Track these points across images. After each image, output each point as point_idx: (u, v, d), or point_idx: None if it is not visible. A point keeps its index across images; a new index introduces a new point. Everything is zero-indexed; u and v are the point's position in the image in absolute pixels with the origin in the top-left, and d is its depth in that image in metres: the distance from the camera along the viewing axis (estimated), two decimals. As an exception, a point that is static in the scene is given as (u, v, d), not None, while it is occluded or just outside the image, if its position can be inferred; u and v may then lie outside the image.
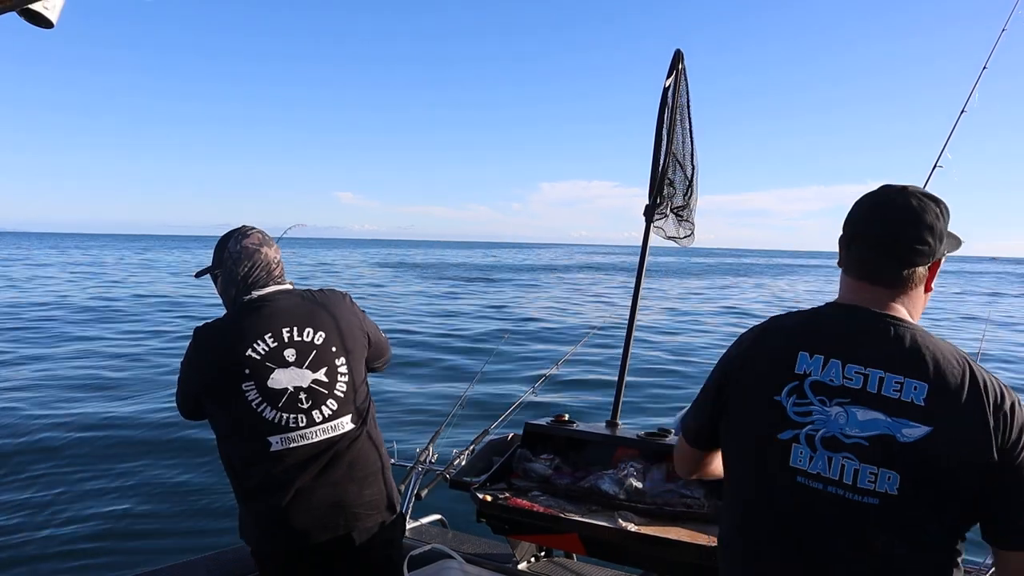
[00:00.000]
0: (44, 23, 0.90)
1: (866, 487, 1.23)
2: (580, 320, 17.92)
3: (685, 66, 2.81)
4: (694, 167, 2.89)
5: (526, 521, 2.19)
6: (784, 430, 1.29)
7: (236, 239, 2.11)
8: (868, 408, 1.25)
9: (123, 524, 4.78)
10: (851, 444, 1.25)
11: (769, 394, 1.32)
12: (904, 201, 1.33)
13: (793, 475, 1.28)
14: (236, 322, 2.03)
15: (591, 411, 7.58)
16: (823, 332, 1.34)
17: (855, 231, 1.37)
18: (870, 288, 1.35)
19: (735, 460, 1.42)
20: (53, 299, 19.01)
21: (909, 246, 1.31)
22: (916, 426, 1.22)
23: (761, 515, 1.34)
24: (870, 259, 1.35)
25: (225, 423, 2.01)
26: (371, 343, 2.19)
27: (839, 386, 1.28)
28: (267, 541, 2.03)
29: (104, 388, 8.53)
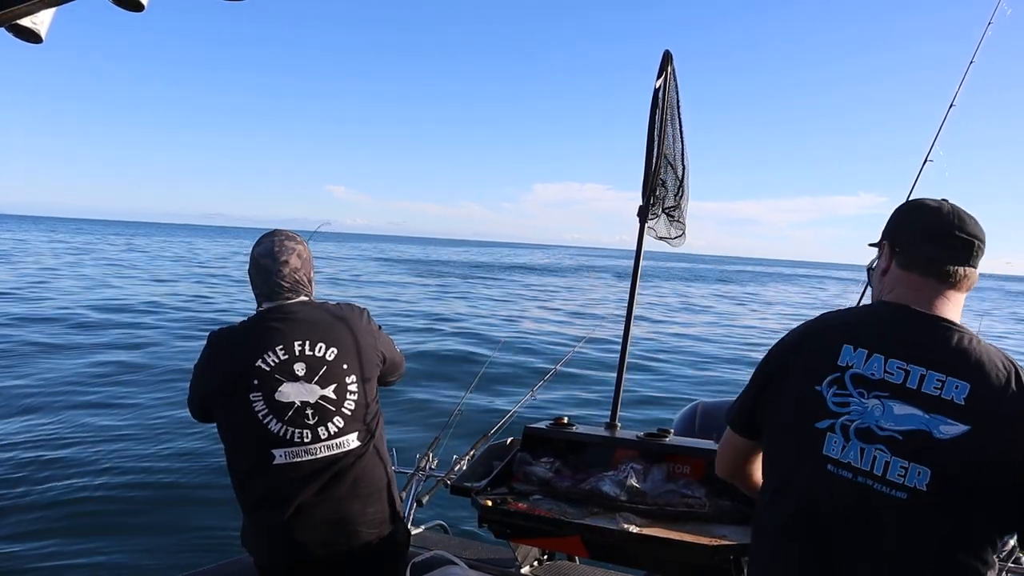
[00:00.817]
0: (33, 38, 0.90)
1: (895, 480, 1.25)
2: (578, 322, 17.92)
3: (674, 67, 2.82)
4: (685, 167, 2.91)
5: (528, 525, 2.18)
6: (822, 419, 1.33)
7: (260, 244, 2.10)
8: (906, 403, 1.28)
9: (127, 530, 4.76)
10: (885, 436, 1.27)
11: (812, 383, 1.36)
12: (954, 205, 1.42)
13: (824, 462, 1.31)
14: (250, 331, 2.02)
15: (589, 414, 7.58)
16: (870, 327, 1.38)
17: (922, 228, 1.42)
18: (931, 286, 1.38)
19: (773, 445, 1.46)
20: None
21: (977, 242, 1.39)
22: (954, 424, 1.24)
23: (791, 497, 1.37)
24: (940, 254, 1.39)
25: (230, 432, 2.00)
26: (385, 361, 2.16)
27: (879, 379, 1.31)
28: (268, 554, 2.02)
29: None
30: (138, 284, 22.53)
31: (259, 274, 2.06)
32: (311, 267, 2.15)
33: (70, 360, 10.21)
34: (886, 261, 1.48)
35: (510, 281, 37.08)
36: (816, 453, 1.32)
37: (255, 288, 2.09)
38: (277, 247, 2.07)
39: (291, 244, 2.09)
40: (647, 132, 2.81)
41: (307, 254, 2.13)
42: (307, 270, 2.12)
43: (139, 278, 24.93)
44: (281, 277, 2.04)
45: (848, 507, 1.28)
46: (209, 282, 25.13)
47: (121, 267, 29.90)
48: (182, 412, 2.15)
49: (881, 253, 1.52)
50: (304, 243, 2.15)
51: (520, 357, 12.09)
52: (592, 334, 5.70)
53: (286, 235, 2.12)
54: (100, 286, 20.98)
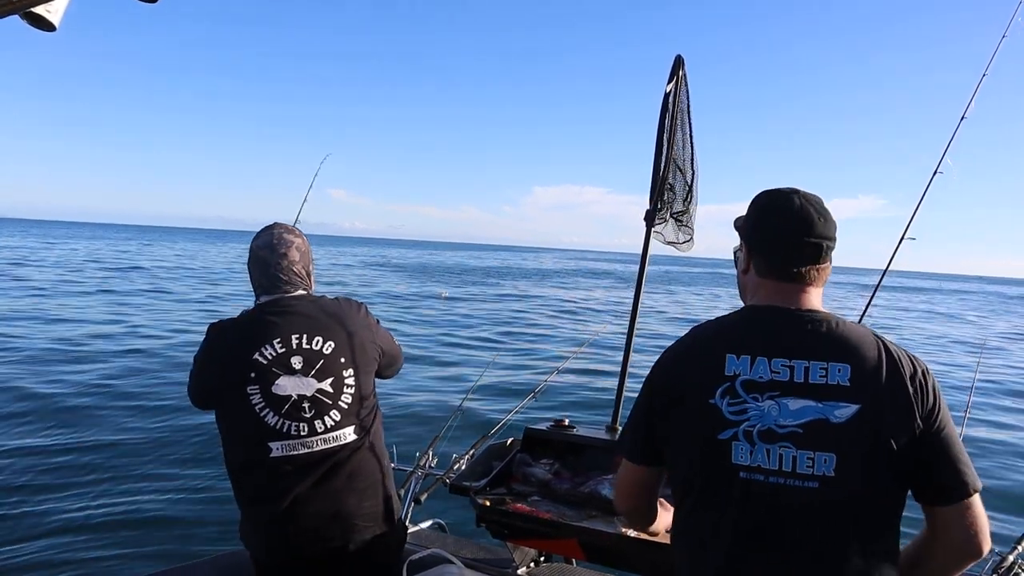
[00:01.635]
0: (47, 26, 0.90)
1: (804, 472, 1.30)
2: (580, 325, 17.92)
3: (686, 72, 2.82)
4: (694, 172, 2.90)
5: (526, 526, 2.18)
6: (723, 430, 1.35)
7: (259, 237, 2.10)
8: (798, 397, 1.32)
9: (125, 524, 4.78)
10: (786, 433, 1.31)
11: (704, 399, 1.37)
12: (819, 206, 1.44)
13: (736, 471, 1.33)
14: (248, 324, 2.02)
15: (591, 416, 7.57)
16: (747, 334, 1.40)
17: (772, 236, 1.45)
18: (791, 288, 1.43)
19: (679, 467, 1.45)
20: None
21: (826, 243, 1.42)
22: (846, 406, 1.30)
23: (710, 514, 1.38)
24: (802, 263, 1.42)
25: (227, 424, 2.01)
26: (383, 354, 2.16)
27: (768, 381, 1.34)
28: (264, 548, 2.02)
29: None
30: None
31: (257, 267, 2.07)
32: (310, 260, 2.15)
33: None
34: (745, 262, 1.52)
35: (513, 284, 37.09)
36: (726, 464, 1.34)
37: (253, 281, 2.09)
38: (276, 240, 2.07)
39: (290, 237, 2.10)
40: (656, 136, 2.81)
41: (306, 247, 2.14)
42: (306, 263, 2.12)
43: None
44: (280, 270, 2.05)
45: (768, 508, 1.31)
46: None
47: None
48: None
49: (740, 249, 1.56)
50: (303, 236, 2.15)
51: (522, 359, 12.09)
52: (596, 337, 5.70)
53: (285, 228, 2.12)
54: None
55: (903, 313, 29.15)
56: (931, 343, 18.36)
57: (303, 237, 2.15)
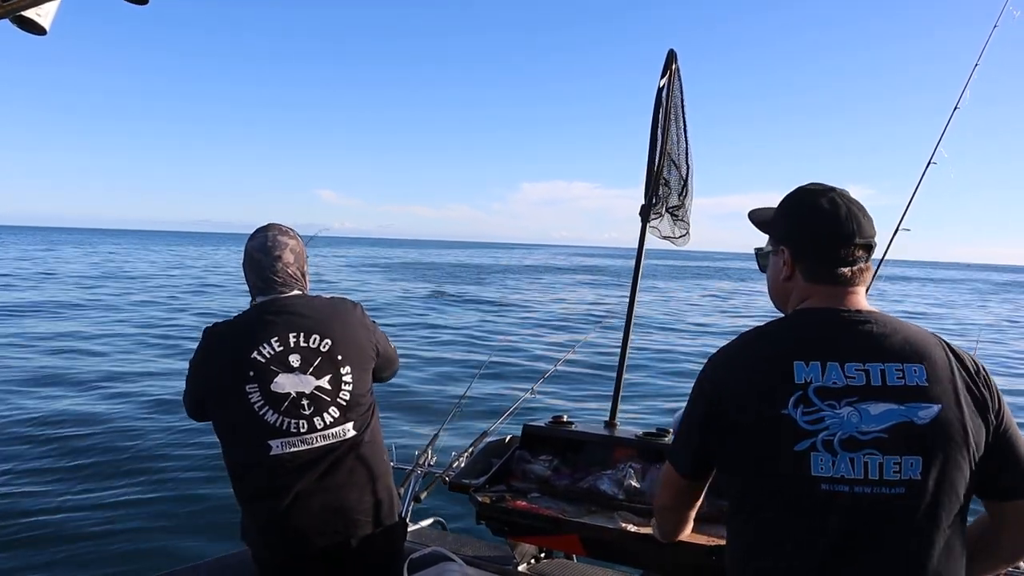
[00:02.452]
0: (37, 30, 0.90)
1: (892, 478, 1.25)
2: (577, 321, 17.93)
3: (678, 66, 2.82)
4: (689, 167, 2.90)
5: (526, 523, 2.19)
6: (799, 441, 1.28)
7: (254, 238, 2.11)
8: (878, 401, 1.27)
9: (127, 527, 4.77)
10: (871, 440, 1.26)
11: (774, 410, 1.30)
12: (849, 204, 1.41)
13: (817, 484, 1.27)
14: (245, 324, 2.04)
15: (588, 412, 7.58)
16: (810, 338, 1.35)
17: (825, 241, 1.40)
18: (842, 291, 1.39)
19: (746, 487, 1.37)
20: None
21: (872, 242, 1.41)
22: (928, 406, 1.26)
23: (787, 532, 1.31)
24: (854, 264, 1.39)
25: (227, 425, 2.01)
26: (379, 354, 2.17)
27: (843, 387, 1.29)
28: (267, 545, 2.03)
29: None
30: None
31: (252, 268, 2.08)
32: (304, 261, 2.17)
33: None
34: (788, 269, 1.46)
35: (508, 281, 37.09)
36: (805, 477, 1.27)
37: (249, 282, 2.11)
38: (270, 242, 2.08)
39: (284, 239, 2.11)
40: (650, 131, 2.81)
41: (300, 248, 2.15)
42: (300, 264, 2.13)
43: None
44: (274, 272, 2.06)
45: (854, 519, 1.26)
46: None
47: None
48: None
49: (778, 254, 1.49)
50: (298, 237, 2.17)
51: (519, 356, 12.10)
52: (592, 334, 5.70)
53: (279, 229, 2.13)
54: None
55: (895, 304, 29.24)
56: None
57: (298, 238, 2.16)
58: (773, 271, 1.52)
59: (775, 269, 1.51)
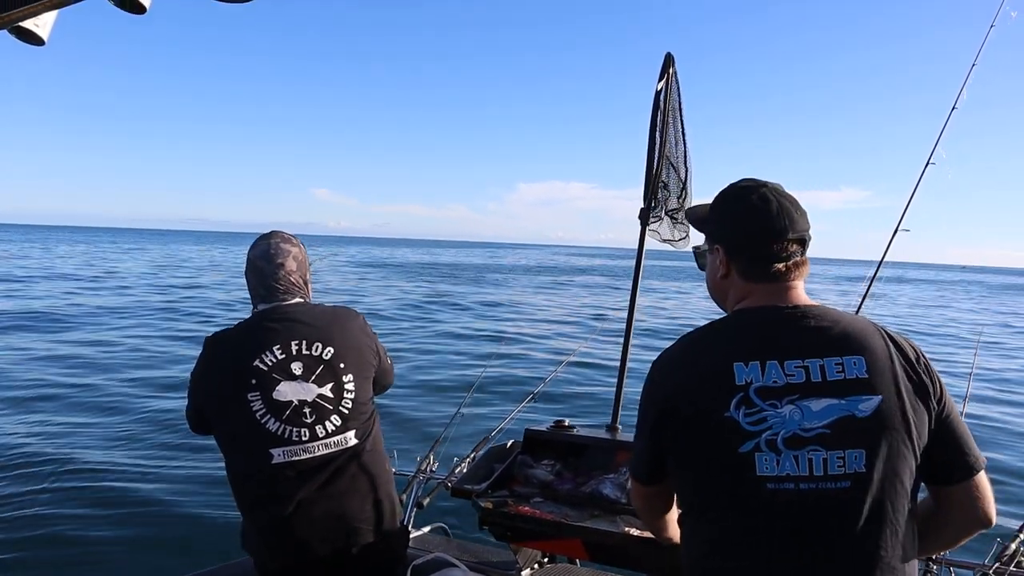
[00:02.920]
0: (35, 40, 0.90)
1: (836, 472, 1.26)
2: (578, 324, 17.92)
3: (676, 69, 2.82)
4: (688, 169, 2.90)
5: (529, 528, 2.18)
6: (743, 443, 1.28)
7: (256, 246, 2.12)
8: (819, 397, 1.28)
9: (126, 535, 4.76)
10: (814, 436, 1.27)
11: (717, 412, 1.30)
12: (781, 198, 1.41)
13: (763, 484, 1.27)
14: (247, 332, 2.04)
15: (591, 416, 7.57)
16: (749, 339, 1.35)
17: (756, 238, 1.40)
18: (780, 287, 1.40)
19: (696, 487, 1.38)
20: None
21: (805, 236, 1.41)
22: (869, 398, 1.27)
23: (739, 533, 1.31)
24: (791, 259, 1.40)
25: (228, 434, 2.01)
26: (379, 364, 2.17)
27: (784, 385, 1.29)
28: (268, 553, 2.03)
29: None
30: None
31: (255, 276, 2.08)
32: (307, 269, 2.17)
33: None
34: (724, 267, 1.46)
35: (507, 282, 37.08)
36: (751, 477, 1.28)
37: (251, 290, 2.11)
38: (273, 250, 2.09)
39: (287, 247, 2.11)
40: (648, 134, 2.81)
41: (303, 256, 2.15)
42: (303, 272, 2.13)
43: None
44: (276, 280, 2.06)
45: (803, 518, 1.27)
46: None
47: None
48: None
49: (713, 252, 1.50)
50: (300, 245, 2.17)
51: (520, 361, 12.09)
52: (593, 336, 5.70)
53: (282, 237, 2.14)
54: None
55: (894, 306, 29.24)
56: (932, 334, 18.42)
57: (300, 246, 2.17)
58: (710, 270, 1.52)
59: (712, 268, 1.51)
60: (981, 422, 8.16)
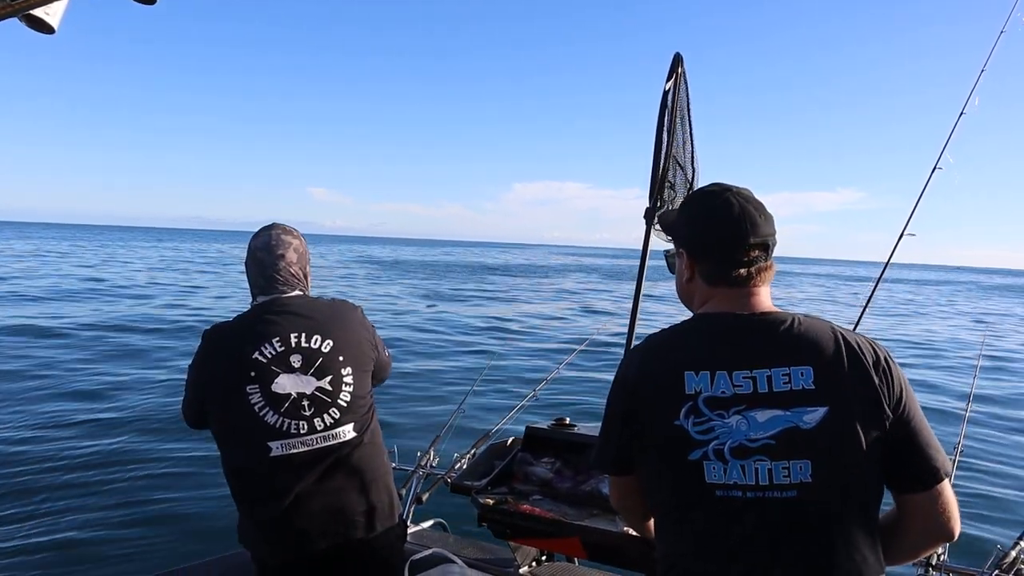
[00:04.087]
0: (46, 29, 0.90)
1: (782, 482, 1.27)
2: (579, 323, 17.92)
3: (685, 69, 2.82)
4: (695, 170, 2.90)
5: (528, 525, 2.18)
6: (692, 451, 1.31)
7: (257, 237, 2.12)
8: (765, 408, 1.29)
9: (122, 529, 4.78)
10: (759, 447, 1.28)
11: (668, 419, 1.33)
12: (744, 202, 1.41)
13: (712, 491, 1.30)
14: (246, 324, 2.04)
15: (592, 415, 7.57)
16: (703, 347, 1.36)
17: (718, 242, 1.41)
18: (742, 292, 1.40)
19: (654, 487, 1.42)
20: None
21: (771, 240, 1.40)
22: (814, 409, 1.27)
23: (695, 536, 1.34)
24: (752, 265, 1.39)
25: (226, 426, 2.00)
26: (378, 358, 2.17)
27: (732, 396, 1.31)
28: (266, 547, 2.03)
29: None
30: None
31: (255, 267, 2.08)
32: (307, 262, 2.17)
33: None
34: (688, 271, 1.47)
35: (506, 280, 37.08)
36: (700, 484, 1.30)
37: (251, 281, 2.11)
38: (274, 241, 2.09)
39: (288, 239, 2.11)
40: (655, 134, 2.81)
41: (303, 248, 2.16)
42: (303, 264, 2.14)
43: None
44: (277, 271, 2.07)
45: (749, 523, 1.29)
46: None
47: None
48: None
49: (679, 256, 1.51)
50: (301, 238, 2.17)
51: (522, 357, 12.09)
52: (595, 335, 5.70)
53: (283, 229, 2.14)
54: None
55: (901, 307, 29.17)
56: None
57: (301, 238, 2.17)
58: (677, 273, 1.54)
59: (679, 271, 1.53)
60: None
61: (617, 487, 1.58)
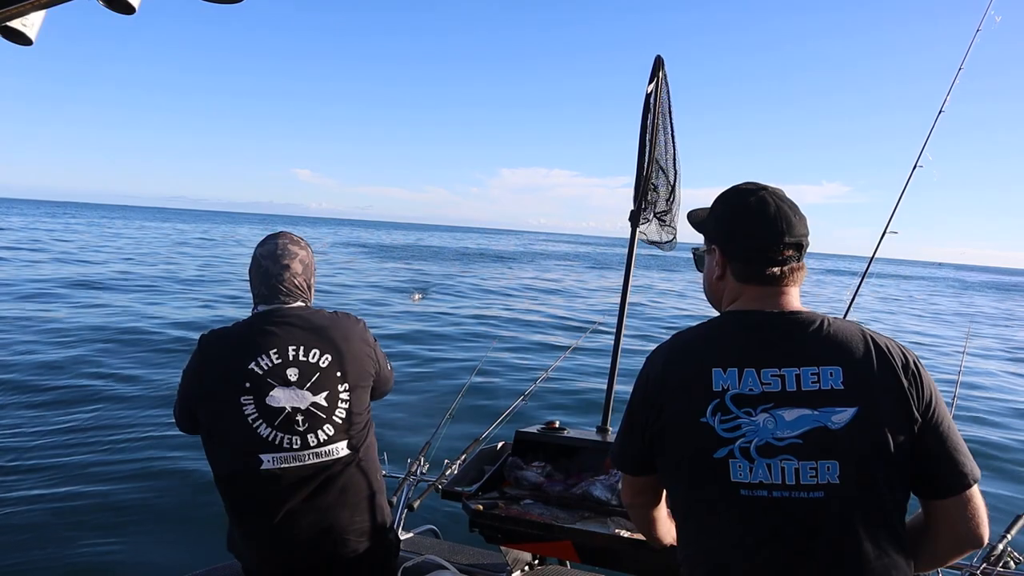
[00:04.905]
0: (23, 40, 0.89)
1: (809, 483, 1.26)
2: (568, 325, 17.93)
3: (666, 72, 2.83)
4: (676, 172, 2.92)
5: (519, 530, 2.18)
6: (718, 449, 1.31)
7: (263, 244, 2.09)
8: (793, 407, 1.28)
9: (115, 537, 4.72)
10: (786, 446, 1.27)
11: (695, 416, 1.33)
12: (780, 202, 1.41)
13: (737, 489, 1.29)
14: (244, 334, 2.00)
15: (581, 418, 7.58)
16: (732, 345, 1.36)
17: (753, 241, 1.41)
18: (772, 291, 1.40)
19: (677, 485, 1.42)
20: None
21: (801, 242, 1.40)
22: (843, 410, 1.27)
23: (716, 534, 1.34)
24: (783, 264, 1.39)
25: (218, 435, 1.98)
26: (378, 374, 2.14)
27: (760, 394, 1.30)
28: (256, 560, 2.01)
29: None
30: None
31: (259, 275, 2.05)
32: (312, 273, 2.13)
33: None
34: (720, 268, 1.47)
35: (494, 271, 37.02)
36: (725, 483, 1.30)
37: (253, 288, 2.07)
38: (280, 250, 2.06)
39: (295, 249, 2.08)
40: (639, 137, 2.83)
41: (310, 259, 2.12)
42: (308, 276, 2.10)
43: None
44: (280, 281, 2.03)
45: (776, 524, 1.28)
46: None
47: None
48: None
49: (710, 253, 1.52)
50: (308, 248, 2.14)
51: (511, 359, 12.08)
52: (583, 339, 5.70)
53: (290, 239, 2.11)
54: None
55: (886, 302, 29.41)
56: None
57: (308, 249, 2.13)
58: (707, 271, 1.54)
59: (708, 269, 1.53)
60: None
61: (630, 485, 1.57)
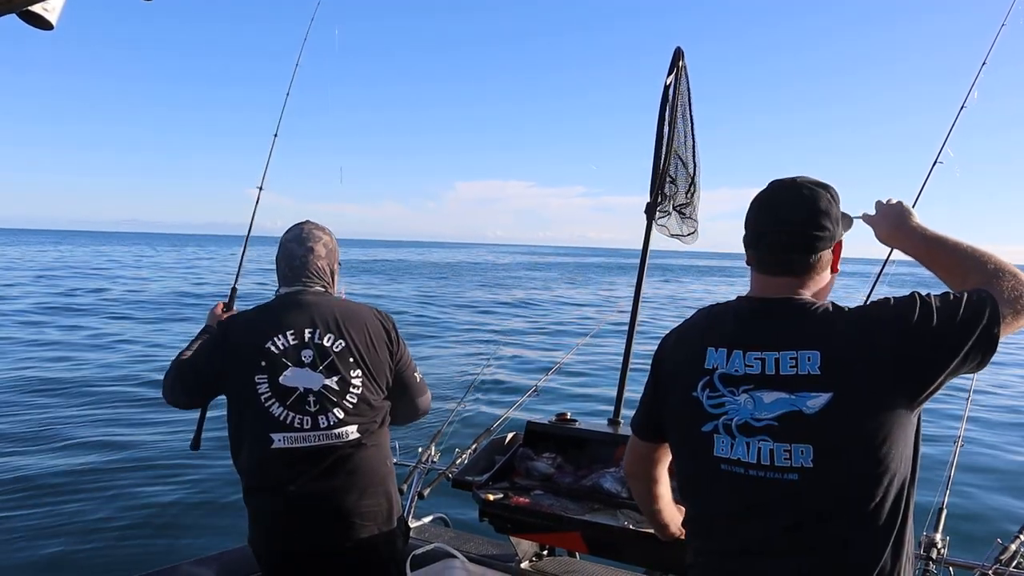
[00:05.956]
0: (44, 25, 0.90)
1: (783, 464, 1.29)
2: (580, 320, 17.92)
3: (685, 64, 2.81)
4: (696, 164, 2.90)
5: (528, 520, 2.19)
6: (705, 423, 1.38)
7: (290, 230, 2.17)
8: (771, 390, 1.32)
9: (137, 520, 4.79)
10: (763, 427, 1.31)
11: (688, 391, 1.41)
12: (795, 193, 1.41)
13: (718, 463, 1.35)
14: (263, 313, 2.08)
15: (593, 410, 7.58)
16: (726, 326, 1.42)
17: (757, 230, 1.44)
18: (777, 280, 1.42)
19: (679, 461, 1.51)
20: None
21: (810, 234, 1.38)
22: (817, 395, 1.28)
23: (702, 503, 1.44)
24: (775, 253, 1.41)
25: (234, 413, 2.04)
26: (396, 372, 2.14)
27: (742, 375, 1.35)
28: (263, 538, 2.04)
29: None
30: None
31: (284, 257, 2.13)
32: (336, 260, 2.19)
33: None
34: (747, 257, 1.51)
35: (486, 278, 37.06)
36: (709, 456, 1.37)
37: (279, 272, 2.15)
38: (305, 233, 2.14)
39: (319, 233, 2.16)
40: (656, 128, 2.80)
41: (333, 245, 2.19)
42: (331, 261, 2.16)
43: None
44: (304, 263, 2.10)
45: (750, 501, 1.32)
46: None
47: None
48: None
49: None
50: (332, 235, 2.20)
51: (523, 353, 12.10)
52: (596, 330, 5.70)
53: (315, 225, 2.19)
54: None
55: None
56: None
57: (332, 236, 2.20)
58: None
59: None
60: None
61: (632, 450, 1.66)
